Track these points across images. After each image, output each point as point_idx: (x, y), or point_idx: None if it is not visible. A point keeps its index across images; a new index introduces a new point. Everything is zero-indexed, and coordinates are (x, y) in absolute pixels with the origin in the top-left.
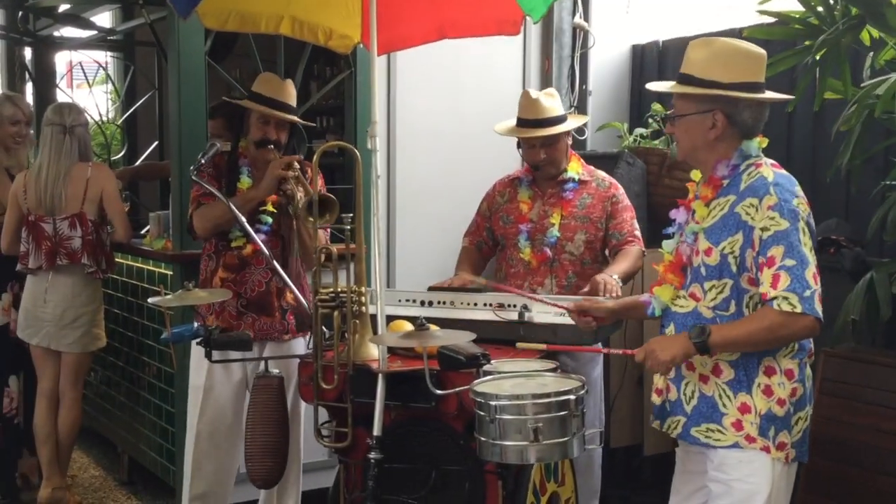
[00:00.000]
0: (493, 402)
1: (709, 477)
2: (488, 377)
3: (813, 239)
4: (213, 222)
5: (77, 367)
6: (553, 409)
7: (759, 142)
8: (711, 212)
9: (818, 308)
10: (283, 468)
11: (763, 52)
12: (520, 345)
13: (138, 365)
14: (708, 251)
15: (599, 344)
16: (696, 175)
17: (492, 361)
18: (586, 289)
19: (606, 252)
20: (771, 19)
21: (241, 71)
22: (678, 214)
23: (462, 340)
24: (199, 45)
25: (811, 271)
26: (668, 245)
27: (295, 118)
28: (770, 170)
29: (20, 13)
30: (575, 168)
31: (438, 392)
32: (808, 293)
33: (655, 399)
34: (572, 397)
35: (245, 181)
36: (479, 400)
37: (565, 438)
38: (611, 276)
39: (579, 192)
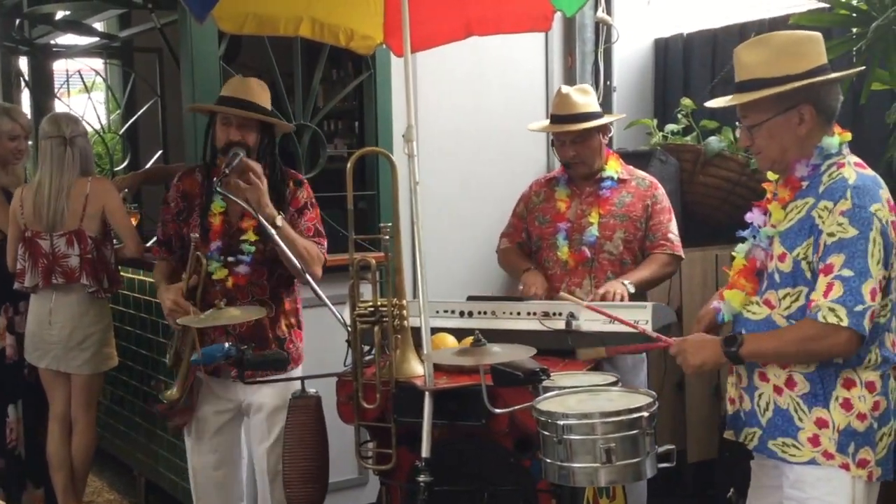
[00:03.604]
0: (560, 422)
1: (785, 495)
2: (549, 394)
3: (888, 250)
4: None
5: (89, 389)
6: (625, 427)
7: (841, 137)
8: (788, 215)
9: (866, 325)
10: (323, 493)
11: (819, 34)
12: (581, 351)
13: (152, 384)
14: (782, 257)
15: (643, 323)
16: (772, 175)
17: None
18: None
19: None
20: (818, 5)
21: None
22: (753, 217)
23: (523, 356)
24: (212, 49)
25: (870, 286)
26: (740, 249)
27: (257, 115)
28: (853, 170)
29: (17, 21)
30: (613, 167)
31: (496, 410)
32: (859, 308)
33: (729, 408)
34: (645, 414)
35: (218, 205)
36: (542, 419)
37: (638, 459)
38: (621, 284)
39: (618, 190)
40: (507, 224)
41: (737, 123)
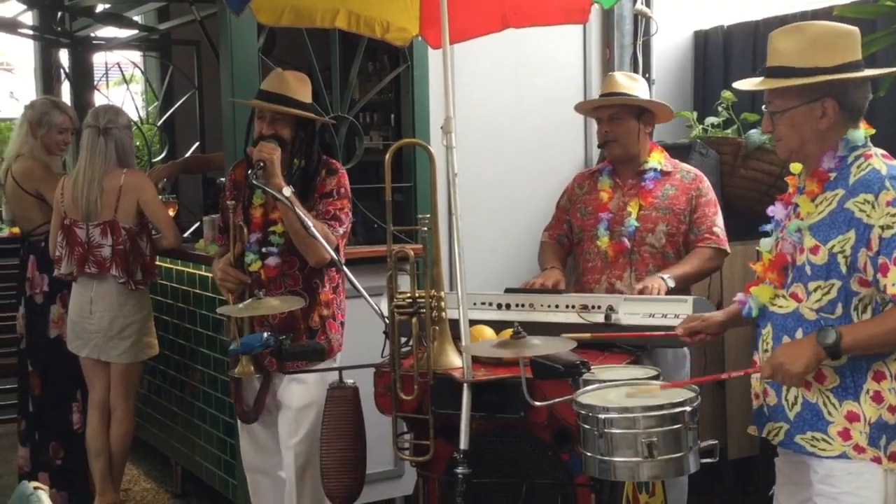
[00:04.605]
0: (601, 416)
1: (814, 490)
2: (590, 387)
3: None
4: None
5: (128, 378)
6: (667, 421)
7: (865, 130)
8: (818, 207)
9: None
10: (361, 484)
11: (856, 29)
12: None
13: (191, 374)
14: (814, 249)
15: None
16: (795, 168)
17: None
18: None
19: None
20: None
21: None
22: (776, 211)
23: (562, 349)
24: (251, 41)
25: None
26: (765, 243)
27: (285, 109)
28: (881, 161)
29: (59, 14)
30: (657, 159)
31: (536, 403)
32: None
33: (753, 403)
34: (687, 409)
35: (259, 197)
36: (583, 412)
37: (681, 454)
38: (660, 279)
39: (661, 182)
40: (552, 217)
41: (763, 108)
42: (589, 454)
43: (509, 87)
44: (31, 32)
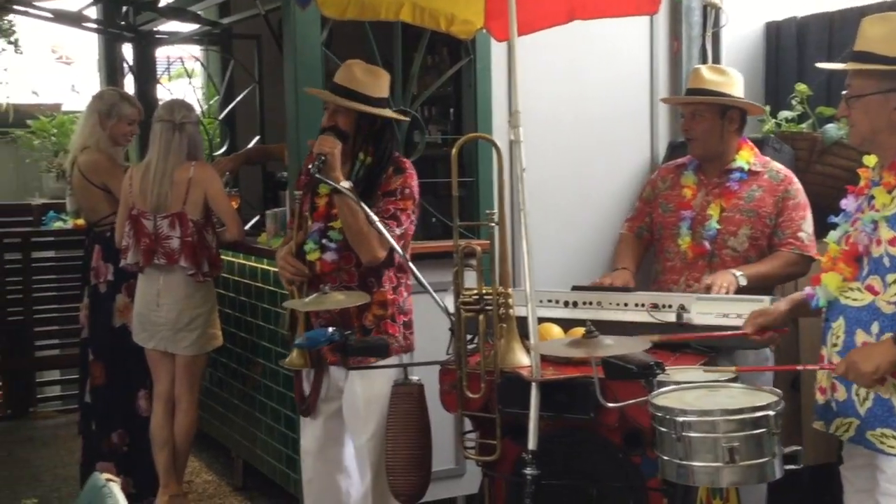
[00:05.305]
0: (679, 418)
1: (881, 489)
2: (665, 388)
3: None
4: None
5: (193, 370)
6: (749, 426)
7: None
8: (895, 199)
9: None
10: (427, 482)
11: None
12: (707, 369)
13: (252, 367)
14: (893, 241)
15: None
16: (869, 161)
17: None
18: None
19: None
20: None
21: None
22: (848, 203)
23: (636, 349)
24: (315, 34)
25: None
26: (833, 235)
27: (348, 102)
28: None
29: (123, 8)
30: (745, 157)
31: (611, 405)
32: None
33: (819, 398)
34: (771, 413)
35: (325, 187)
36: (659, 414)
37: (764, 459)
38: (731, 274)
39: (747, 183)
40: (633, 207)
41: (842, 93)
42: (666, 457)
43: (573, 80)
44: (95, 26)
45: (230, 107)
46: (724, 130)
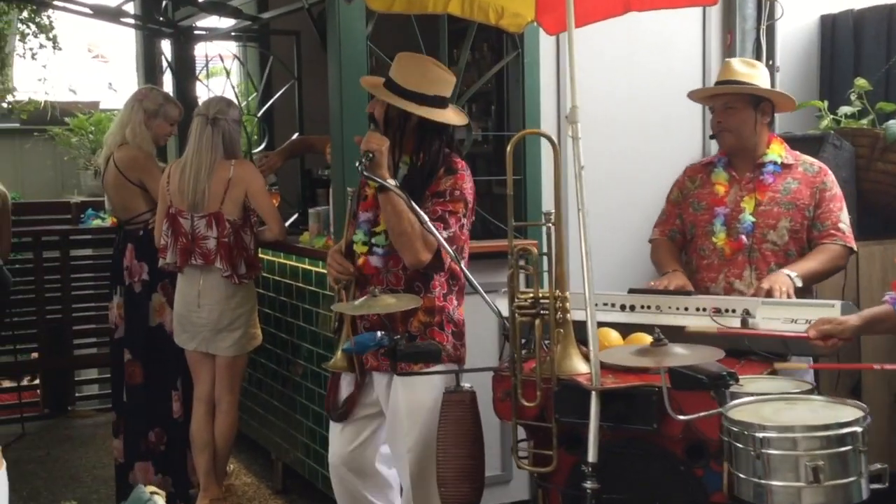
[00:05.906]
0: (758, 434)
1: None
2: (739, 400)
3: None
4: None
5: (233, 370)
6: (834, 443)
7: None
8: None
9: None
10: (480, 493)
11: None
12: (778, 365)
13: (292, 368)
14: None
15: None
16: None
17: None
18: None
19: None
20: None
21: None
22: None
23: (708, 358)
24: (360, 28)
25: None
26: None
27: (383, 95)
28: None
29: (163, 4)
30: (776, 151)
31: (680, 417)
32: None
33: None
34: (858, 429)
35: (373, 184)
36: (735, 429)
37: (850, 479)
38: (786, 275)
39: (782, 176)
40: (661, 212)
41: None
42: (742, 476)
43: (623, 74)
44: (133, 22)
45: (269, 103)
46: (757, 122)
